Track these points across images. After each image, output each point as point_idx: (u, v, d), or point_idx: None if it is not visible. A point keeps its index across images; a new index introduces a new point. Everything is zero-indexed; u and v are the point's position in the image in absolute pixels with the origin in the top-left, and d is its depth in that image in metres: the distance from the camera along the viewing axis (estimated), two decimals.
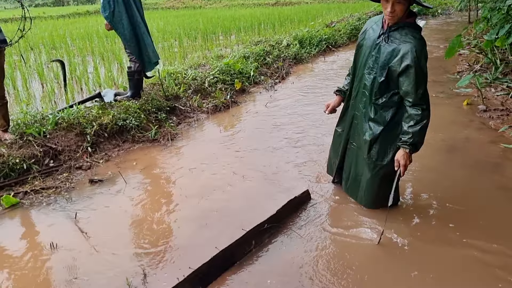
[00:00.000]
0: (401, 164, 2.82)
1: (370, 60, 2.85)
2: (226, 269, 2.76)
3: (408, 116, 2.74)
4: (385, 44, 2.75)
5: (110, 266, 2.88)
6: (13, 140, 4.37)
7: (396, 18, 2.66)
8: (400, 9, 2.61)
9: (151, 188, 4.02)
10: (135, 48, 5.39)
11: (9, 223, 3.53)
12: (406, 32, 2.69)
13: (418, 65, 2.62)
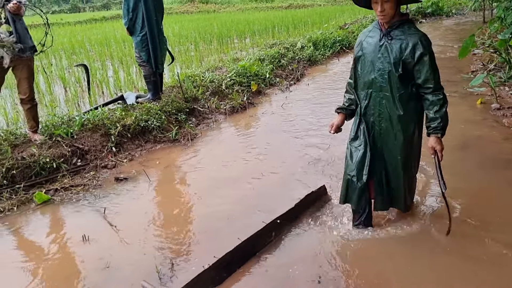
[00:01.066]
0: (438, 149, 2.86)
1: (378, 62, 2.86)
2: (248, 259, 2.92)
3: (431, 103, 2.79)
4: (390, 42, 2.81)
5: (139, 256, 3.07)
6: (43, 140, 4.60)
7: (388, 17, 2.75)
8: (389, 7, 2.71)
9: (173, 185, 4.22)
10: (146, 54, 5.63)
11: (43, 218, 3.76)
12: (408, 27, 2.79)
13: (430, 52, 2.74)
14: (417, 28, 2.82)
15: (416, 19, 16.70)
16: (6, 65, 4.38)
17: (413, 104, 2.87)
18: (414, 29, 2.80)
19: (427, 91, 2.79)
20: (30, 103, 4.64)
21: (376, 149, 3.02)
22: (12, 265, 3.11)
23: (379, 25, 2.89)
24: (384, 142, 3.00)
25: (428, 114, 2.84)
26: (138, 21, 5.51)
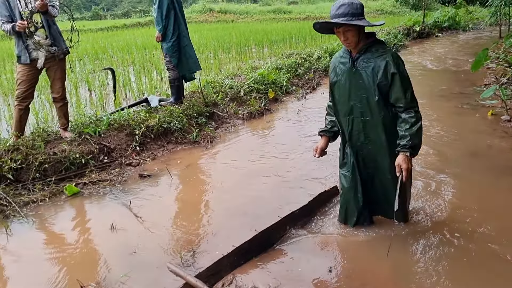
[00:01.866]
0: (404, 168, 2.80)
1: (354, 89, 2.89)
2: (264, 249, 3.15)
3: (403, 120, 2.80)
4: (362, 68, 2.84)
5: (163, 243, 3.32)
6: (73, 138, 4.90)
7: (353, 44, 2.80)
8: (352, 35, 2.75)
9: (194, 182, 4.48)
10: (176, 59, 5.97)
11: (73, 208, 4.04)
12: (376, 49, 2.82)
13: (399, 70, 2.75)
14: (385, 48, 2.83)
15: (432, 33, 16.88)
16: (39, 66, 4.69)
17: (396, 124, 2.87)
18: (382, 49, 2.81)
19: (399, 110, 2.82)
20: (62, 101, 4.95)
21: (367, 171, 3.13)
22: (45, 251, 3.39)
23: (348, 50, 2.91)
24: (373, 163, 3.08)
25: (399, 132, 2.82)
26: (170, 27, 5.89)
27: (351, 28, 2.73)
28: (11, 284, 2.97)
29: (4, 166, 4.27)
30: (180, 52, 6.03)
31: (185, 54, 6.10)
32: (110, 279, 2.92)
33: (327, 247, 3.16)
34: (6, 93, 8.10)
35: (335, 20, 2.73)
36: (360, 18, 2.73)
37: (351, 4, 2.72)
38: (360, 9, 2.75)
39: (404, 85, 2.78)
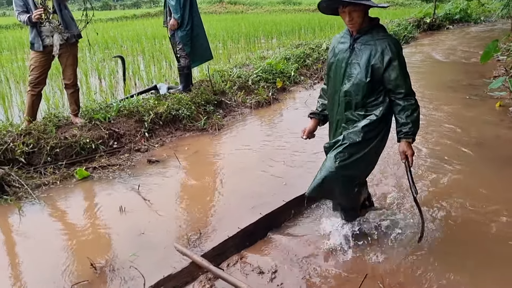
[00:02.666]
0: (409, 154, 2.78)
1: (349, 68, 2.82)
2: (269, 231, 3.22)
3: (403, 108, 2.73)
4: (360, 48, 2.77)
5: (170, 225, 3.41)
6: (83, 123, 4.99)
7: (357, 25, 2.73)
8: (357, 16, 2.67)
9: (201, 168, 4.55)
10: (188, 47, 6.02)
11: (83, 191, 4.14)
12: (377, 31, 2.76)
13: (399, 57, 2.69)
14: (386, 33, 2.78)
15: (443, 25, 16.75)
16: (55, 54, 4.77)
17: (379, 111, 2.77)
18: (383, 34, 2.75)
19: (398, 96, 2.74)
20: (73, 88, 5.04)
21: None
22: (56, 231, 3.49)
23: (349, 31, 2.85)
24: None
25: (399, 120, 2.76)
26: (185, 16, 5.95)
27: (357, 9, 2.65)
28: (23, 262, 3.07)
29: (17, 150, 4.37)
30: (193, 41, 6.09)
31: (198, 42, 6.17)
32: (119, 258, 3.01)
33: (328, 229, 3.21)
34: (18, 80, 8.22)
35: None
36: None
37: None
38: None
39: (404, 72, 2.72)
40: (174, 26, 5.96)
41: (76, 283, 2.73)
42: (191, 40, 6.06)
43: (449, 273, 2.70)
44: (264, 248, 3.06)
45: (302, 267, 2.83)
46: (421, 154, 4.55)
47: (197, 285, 2.68)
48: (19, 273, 2.95)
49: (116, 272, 2.86)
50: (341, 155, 2.77)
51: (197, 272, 2.76)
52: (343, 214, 3.13)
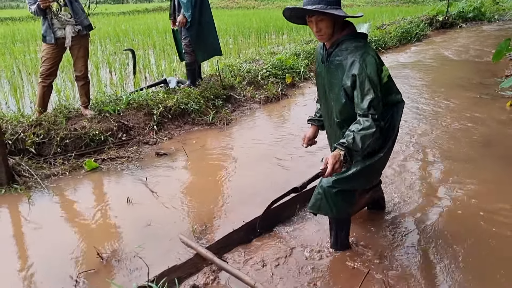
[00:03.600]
0: (329, 162, 2.39)
1: (328, 84, 2.65)
2: (274, 225, 3.24)
3: (356, 121, 2.43)
4: (332, 64, 2.55)
5: (176, 217, 3.44)
6: (93, 115, 5.05)
7: (326, 36, 2.49)
8: (325, 26, 2.43)
9: (209, 161, 4.59)
10: (196, 45, 6.02)
11: (91, 182, 4.19)
12: (347, 46, 2.48)
13: (362, 73, 2.39)
14: (358, 44, 2.47)
15: (456, 23, 16.58)
16: (67, 46, 4.82)
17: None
18: (354, 46, 2.46)
19: (358, 116, 2.45)
20: (84, 80, 5.09)
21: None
22: (64, 220, 3.54)
23: (323, 44, 2.62)
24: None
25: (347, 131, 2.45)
26: (196, 14, 5.93)
27: (325, 18, 2.41)
28: (31, 250, 3.12)
29: (28, 140, 4.43)
30: (202, 38, 6.09)
31: (208, 41, 6.19)
32: (125, 248, 3.04)
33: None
34: (30, 72, 8.31)
35: (308, 6, 2.40)
36: (336, 7, 2.40)
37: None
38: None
39: (365, 89, 2.39)
40: (183, 23, 5.96)
41: (82, 272, 2.77)
42: (198, 37, 6.04)
43: (453, 271, 2.70)
44: (268, 241, 3.08)
45: (305, 261, 2.84)
46: (429, 151, 4.53)
47: (201, 276, 2.71)
48: (27, 261, 3.00)
49: (122, 262, 2.90)
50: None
51: (202, 264, 2.79)
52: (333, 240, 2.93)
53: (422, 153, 4.49)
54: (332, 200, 2.67)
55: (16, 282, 2.75)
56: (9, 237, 3.29)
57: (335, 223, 2.88)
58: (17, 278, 2.79)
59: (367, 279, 2.58)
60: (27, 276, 2.81)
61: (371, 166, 2.63)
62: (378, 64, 2.46)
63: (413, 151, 4.56)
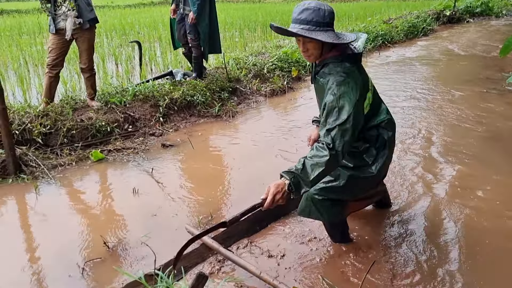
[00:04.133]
0: (270, 192, 2.21)
1: (316, 98, 2.66)
2: (279, 216, 3.25)
3: (313, 147, 2.29)
4: (318, 83, 2.49)
5: (182, 208, 3.46)
6: (99, 106, 5.06)
7: (313, 57, 2.40)
8: (312, 47, 2.33)
9: (214, 153, 4.60)
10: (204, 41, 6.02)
11: (98, 172, 4.21)
12: (330, 69, 2.37)
13: (333, 102, 2.27)
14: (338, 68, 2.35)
15: (463, 18, 16.45)
16: (67, 37, 4.82)
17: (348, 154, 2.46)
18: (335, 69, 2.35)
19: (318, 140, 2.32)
20: (89, 72, 5.10)
21: None
22: (71, 210, 3.56)
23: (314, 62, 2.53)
24: None
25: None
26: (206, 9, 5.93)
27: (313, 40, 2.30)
28: (39, 239, 3.15)
29: (34, 131, 4.46)
30: (209, 34, 6.09)
31: (214, 36, 6.21)
32: (131, 238, 3.07)
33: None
34: (36, 63, 8.34)
35: (293, 28, 2.30)
36: (326, 29, 2.28)
37: (317, 10, 2.28)
38: (328, 18, 2.29)
39: (328, 115, 2.27)
40: (194, 20, 5.91)
41: (89, 260, 2.80)
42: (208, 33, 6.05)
43: (459, 265, 2.70)
44: (274, 232, 3.09)
45: (311, 251, 2.85)
46: (435, 145, 4.52)
47: (207, 266, 2.72)
48: (34, 249, 3.03)
49: (128, 250, 2.92)
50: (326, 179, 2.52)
51: (207, 254, 2.81)
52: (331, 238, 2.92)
53: (427, 147, 4.48)
54: (322, 206, 2.61)
55: (23, 269, 2.78)
56: (16, 226, 3.33)
57: (329, 226, 2.86)
58: (25, 266, 2.81)
59: (373, 269, 2.59)
60: (34, 264, 2.84)
61: (360, 180, 2.56)
62: (356, 95, 2.29)
63: (419, 145, 4.54)
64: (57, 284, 2.63)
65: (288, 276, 2.62)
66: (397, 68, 8.52)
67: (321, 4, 2.31)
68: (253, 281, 2.53)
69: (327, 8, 2.30)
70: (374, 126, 2.56)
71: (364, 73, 2.48)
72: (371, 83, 2.56)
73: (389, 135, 2.60)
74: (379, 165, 2.57)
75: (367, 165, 2.56)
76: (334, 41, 2.28)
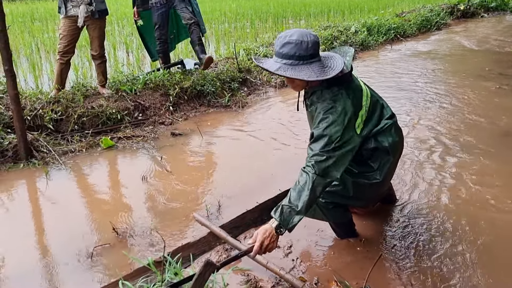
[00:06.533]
0: (258, 239, 2.14)
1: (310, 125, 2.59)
2: None
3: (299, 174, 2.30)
4: (308, 108, 2.50)
5: (191, 196, 3.48)
6: (110, 94, 5.09)
7: (300, 88, 2.39)
8: (298, 82, 2.31)
9: (224, 143, 4.60)
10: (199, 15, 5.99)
11: (107, 159, 4.24)
12: (318, 97, 2.35)
13: (317, 125, 2.28)
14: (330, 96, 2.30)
15: (477, 13, 16.23)
16: (80, 24, 4.83)
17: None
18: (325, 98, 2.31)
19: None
20: (100, 59, 5.11)
21: None
22: (80, 196, 3.61)
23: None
24: None
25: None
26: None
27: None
28: (48, 224, 3.19)
29: (46, 117, 4.50)
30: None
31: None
32: (139, 225, 3.09)
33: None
34: (48, 50, 8.38)
35: (276, 63, 2.22)
36: (310, 61, 2.20)
37: (299, 43, 2.16)
38: (311, 49, 2.19)
39: (312, 140, 2.29)
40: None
41: (98, 246, 2.83)
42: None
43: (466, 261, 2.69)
44: None
45: (317, 243, 2.86)
46: (446, 141, 4.49)
47: (214, 254, 2.74)
48: (44, 233, 3.07)
49: (137, 237, 2.95)
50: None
51: (215, 242, 2.82)
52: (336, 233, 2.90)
53: (437, 143, 4.44)
54: (326, 209, 2.63)
55: (32, 253, 2.82)
56: (26, 211, 3.37)
57: (334, 225, 2.86)
58: (34, 250, 2.86)
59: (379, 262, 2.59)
60: (44, 248, 2.88)
61: (365, 186, 2.54)
62: (344, 121, 2.25)
63: (429, 141, 4.51)
64: (66, 269, 2.67)
65: (294, 267, 2.63)
66: (409, 61, 8.44)
67: (304, 35, 2.19)
68: (259, 271, 2.55)
69: (310, 39, 2.19)
70: (373, 135, 2.50)
71: (356, 90, 2.40)
72: (366, 95, 2.48)
73: (389, 142, 2.51)
74: (384, 171, 2.53)
75: (372, 171, 2.53)
76: (319, 77, 2.18)
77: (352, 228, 2.90)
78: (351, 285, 2.45)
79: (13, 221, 3.20)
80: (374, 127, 2.49)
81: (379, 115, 2.56)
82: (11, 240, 2.97)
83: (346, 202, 2.64)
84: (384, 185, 2.69)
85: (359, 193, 2.57)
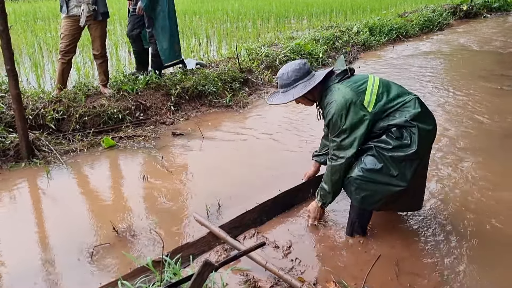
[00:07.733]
0: (311, 216, 3.02)
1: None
2: (287, 208, 3.27)
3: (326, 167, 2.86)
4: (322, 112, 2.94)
5: (191, 196, 3.49)
6: (111, 94, 5.10)
7: (310, 104, 2.96)
8: (301, 100, 2.90)
9: (224, 143, 4.61)
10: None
11: (109, 159, 4.26)
12: (323, 100, 2.80)
13: (330, 118, 2.68)
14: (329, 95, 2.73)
15: (480, 13, 16.19)
16: (81, 24, 4.85)
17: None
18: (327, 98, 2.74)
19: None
20: (102, 58, 5.12)
21: None
22: (81, 195, 3.63)
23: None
24: None
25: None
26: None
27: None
28: (49, 223, 3.21)
29: (47, 116, 4.51)
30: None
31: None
32: (140, 224, 3.11)
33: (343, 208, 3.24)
34: (51, 49, 8.40)
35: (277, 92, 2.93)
36: (295, 85, 2.80)
37: (281, 76, 2.85)
38: (292, 76, 2.79)
39: (331, 133, 2.76)
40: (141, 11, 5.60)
41: (98, 245, 2.84)
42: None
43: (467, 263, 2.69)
44: (281, 224, 3.11)
45: (317, 244, 2.87)
46: (447, 142, 4.49)
47: (213, 254, 2.75)
48: (45, 232, 3.09)
49: (137, 236, 2.96)
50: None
51: (214, 242, 2.83)
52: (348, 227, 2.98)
53: (439, 144, 4.44)
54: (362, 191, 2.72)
55: (33, 252, 2.83)
56: (28, 210, 3.39)
57: (354, 211, 2.87)
58: (35, 248, 2.87)
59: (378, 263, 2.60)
60: (44, 247, 2.90)
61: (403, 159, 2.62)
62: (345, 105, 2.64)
63: None
64: (66, 268, 2.68)
65: (293, 267, 2.64)
66: (410, 62, 8.43)
67: (286, 68, 2.85)
68: (258, 271, 2.56)
69: (290, 69, 2.81)
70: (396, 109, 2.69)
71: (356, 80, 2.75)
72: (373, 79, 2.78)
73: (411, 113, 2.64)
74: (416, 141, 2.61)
75: (406, 144, 2.63)
76: (302, 91, 2.77)
77: (367, 224, 2.94)
78: (350, 286, 2.46)
79: (13, 220, 3.22)
80: (391, 102, 2.70)
81: (397, 93, 2.77)
82: (12, 238, 2.98)
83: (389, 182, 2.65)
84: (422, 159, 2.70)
85: (400, 169, 2.63)
